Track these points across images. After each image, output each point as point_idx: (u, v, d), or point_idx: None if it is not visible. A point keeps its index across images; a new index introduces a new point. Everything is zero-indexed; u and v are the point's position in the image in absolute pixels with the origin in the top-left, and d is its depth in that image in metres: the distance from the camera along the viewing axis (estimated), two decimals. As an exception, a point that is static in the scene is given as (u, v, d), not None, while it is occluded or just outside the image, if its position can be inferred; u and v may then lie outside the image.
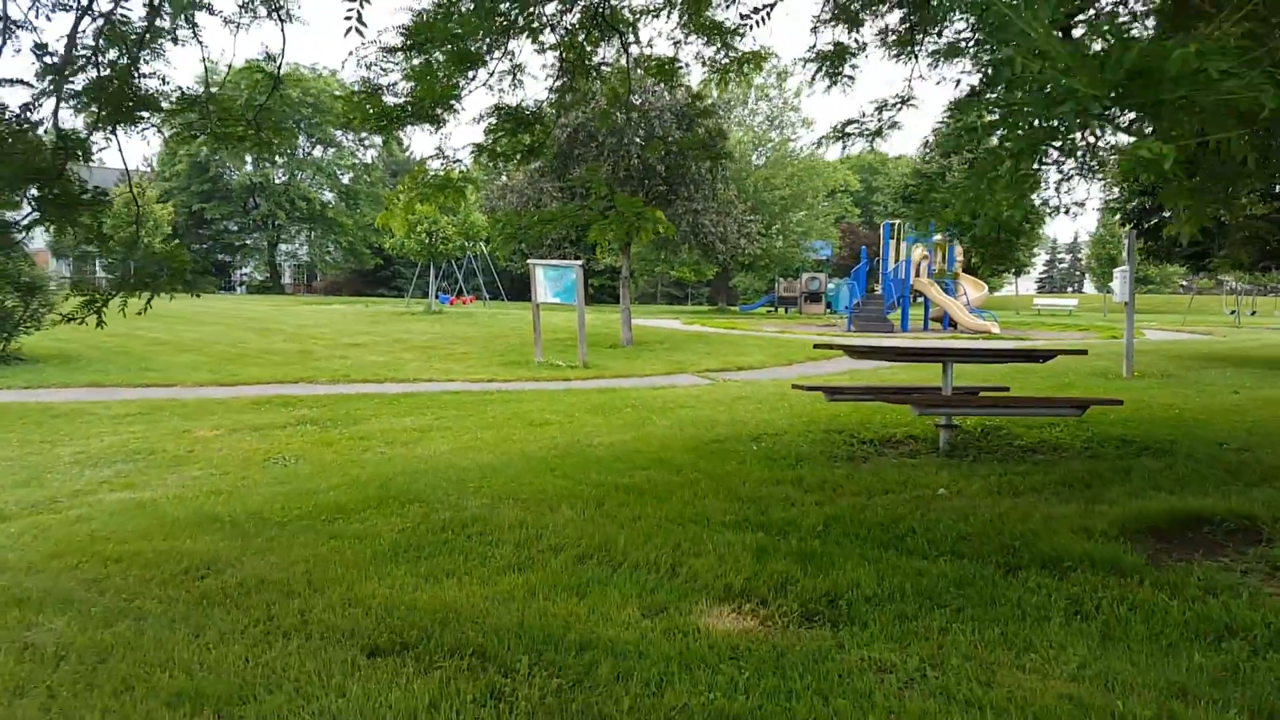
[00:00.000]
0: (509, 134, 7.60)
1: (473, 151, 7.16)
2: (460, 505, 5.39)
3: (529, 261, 17.46)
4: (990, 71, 8.49)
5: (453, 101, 6.59)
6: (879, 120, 8.36)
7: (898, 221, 29.75)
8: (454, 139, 20.37)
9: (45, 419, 11.80)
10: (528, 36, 7.47)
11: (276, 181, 59.91)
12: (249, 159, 60.41)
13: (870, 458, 7.03)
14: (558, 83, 7.79)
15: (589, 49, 7.69)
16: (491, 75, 7.61)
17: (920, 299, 29.16)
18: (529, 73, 7.69)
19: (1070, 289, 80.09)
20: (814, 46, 8.13)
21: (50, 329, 17.66)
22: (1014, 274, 51.83)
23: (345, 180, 62.69)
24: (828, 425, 8.73)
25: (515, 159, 7.60)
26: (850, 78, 8.29)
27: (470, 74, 6.99)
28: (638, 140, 18.35)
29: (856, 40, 8.16)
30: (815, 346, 7.62)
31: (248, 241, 63.32)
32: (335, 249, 61.61)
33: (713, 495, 5.52)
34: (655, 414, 10.61)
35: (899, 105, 8.19)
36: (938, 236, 30.40)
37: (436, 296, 35.15)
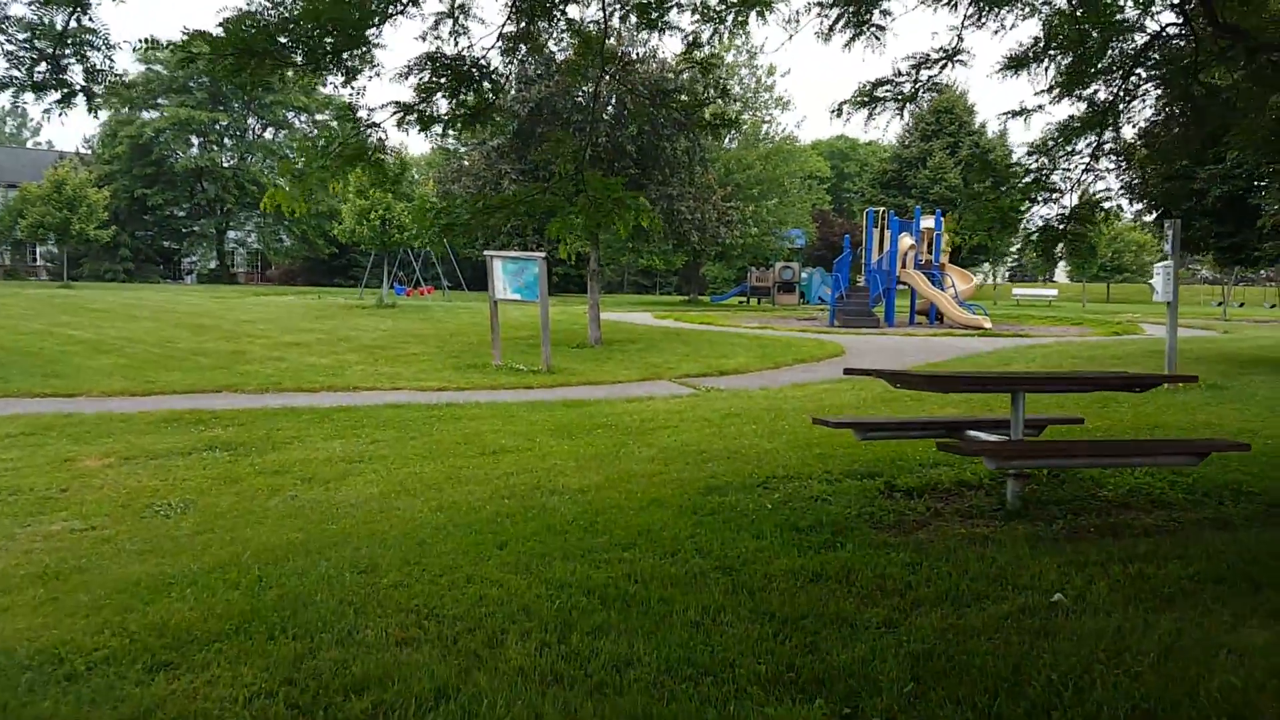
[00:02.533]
0: (448, 93, 5.81)
1: (396, 113, 5.36)
2: (357, 640, 3.60)
3: (486, 253, 15.60)
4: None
5: (368, 38, 4.79)
6: (914, 82, 6.66)
7: (881, 209, 28.21)
8: (375, 96, 18.45)
9: (-100, 441, 9.84)
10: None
11: (224, 165, 57.21)
12: (195, 141, 57.78)
13: (924, 521, 5.34)
14: (511, 27, 5.99)
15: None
16: (423, 14, 5.80)
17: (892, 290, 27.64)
18: (477, 14, 5.88)
19: (1042, 278, 79.16)
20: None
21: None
22: (991, 263, 50.73)
23: (299, 164, 60.00)
24: (849, 462, 7.04)
25: (455, 126, 5.80)
26: (880, 27, 6.56)
27: (393, 7, 5.18)
28: (608, 114, 16.57)
29: (890, -21, 6.43)
30: (847, 372, 5.92)
31: (195, 228, 60.54)
32: (287, 237, 59.01)
33: (731, 610, 3.78)
34: (632, 439, 8.87)
35: (944, 62, 6.49)
36: (927, 223, 28.97)
37: (391, 287, 33.10)
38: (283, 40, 3.97)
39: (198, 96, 56.51)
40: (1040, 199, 6.65)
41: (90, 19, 3.65)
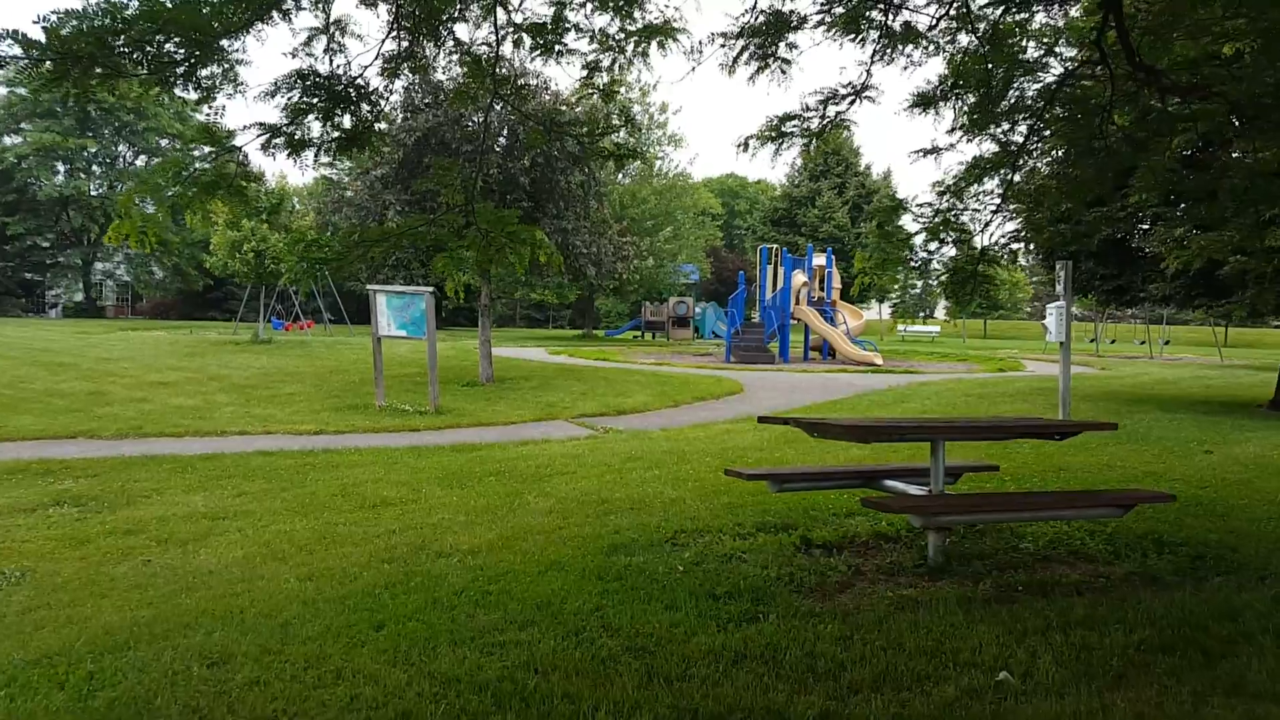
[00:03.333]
0: (321, 114, 5.23)
1: (261, 135, 4.76)
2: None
3: (369, 288, 14.79)
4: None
5: (224, 49, 4.19)
6: (822, 118, 6.39)
7: (774, 246, 28.39)
8: (238, 117, 17.42)
9: None
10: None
11: (92, 193, 54.23)
12: (61, 168, 54.67)
13: (847, 582, 4.95)
14: (394, 45, 5.46)
15: (438, 2, 5.40)
16: (294, 30, 5.21)
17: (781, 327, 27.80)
18: (355, 30, 5.33)
19: (922, 314, 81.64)
20: (744, 16, 6.08)
21: None
22: (878, 300, 51.96)
23: (186, 193, 57.30)
24: (760, 512, 6.64)
25: (329, 151, 5.22)
26: (787, 61, 6.27)
27: (257, 23, 4.59)
28: (500, 145, 16.05)
29: (794, 13, 6.16)
30: (761, 420, 5.52)
31: (60, 259, 57.08)
32: (159, 269, 56.14)
33: (648, 707, 3.28)
34: (528, 487, 8.31)
35: (852, 97, 6.23)
36: (818, 260, 29.29)
37: (269, 322, 31.61)
38: (118, 46, 3.34)
39: (64, 122, 53.49)
40: (949, 239, 6.45)
41: None
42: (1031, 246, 7.97)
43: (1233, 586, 4.79)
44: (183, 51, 4.03)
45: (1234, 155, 6.43)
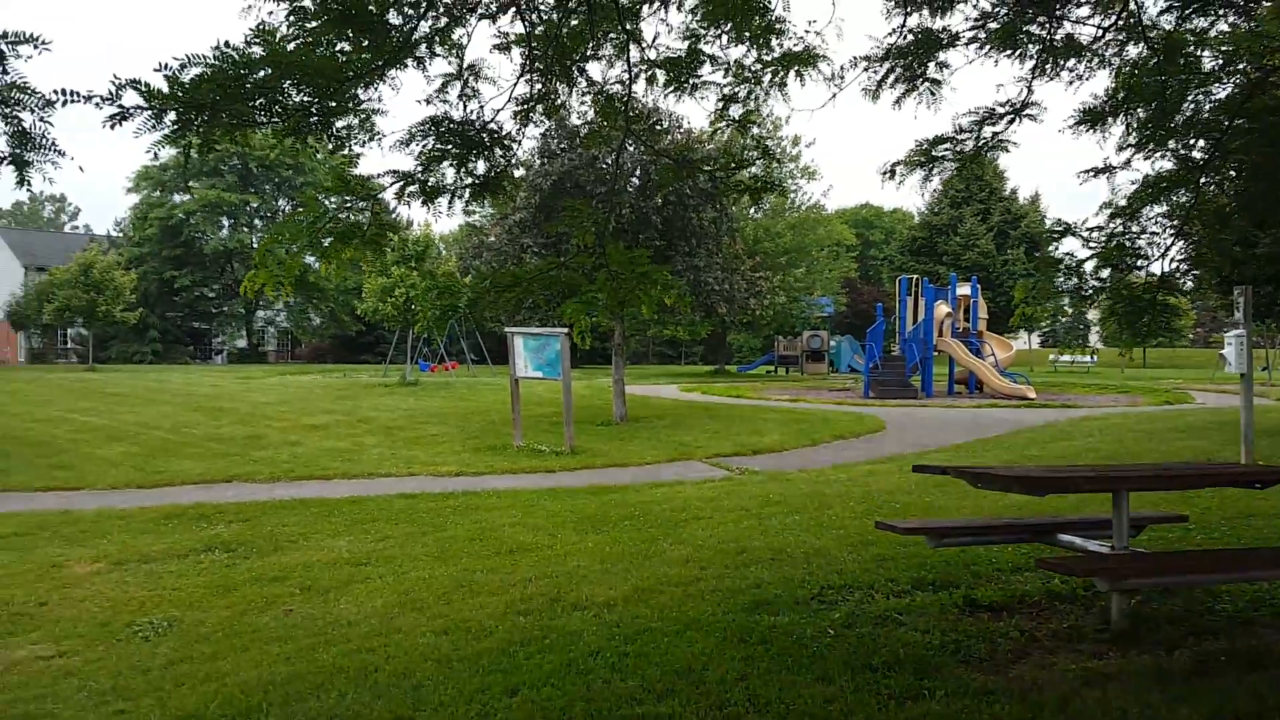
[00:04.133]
0: (455, 161, 5.17)
1: (395, 182, 4.71)
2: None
3: (506, 330, 14.96)
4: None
5: (358, 97, 4.16)
6: (977, 139, 5.96)
7: (914, 276, 27.48)
8: (369, 164, 17.85)
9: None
10: (480, 18, 5.07)
11: (253, 246, 57.65)
12: (225, 223, 58.37)
13: (1021, 650, 4.46)
14: (526, 88, 5.37)
15: (570, 42, 5.28)
16: (428, 76, 5.19)
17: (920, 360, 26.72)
18: (488, 74, 5.27)
19: (1077, 343, 77.74)
20: (890, 38, 5.74)
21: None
22: (1027, 330, 49.72)
23: (326, 243, 60.34)
24: (915, 566, 6.18)
25: (462, 197, 5.15)
26: (936, 81, 5.88)
27: (391, 70, 4.56)
28: (632, 185, 16.06)
29: (945, 30, 5.78)
30: (917, 469, 5.11)
31: (224, 308, 60.82)
32: (315, 315, 59.09)
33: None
34: (663, 533, 8.05)
35: (1011, 116, 5.78)
36: (963, 289, 28.17)
37: (415, 364, 32.61)
38: (244, 94, 3.31)
39: (228, 179, 57.29)
40: (1124, 265, 5.88)
41: (6, 72, 3.02)
42: (1209, 273, 7.28)
43: None
44: (316, 102, 3.99)
45: None
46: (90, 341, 42.74)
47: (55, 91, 3.02)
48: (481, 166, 5.29)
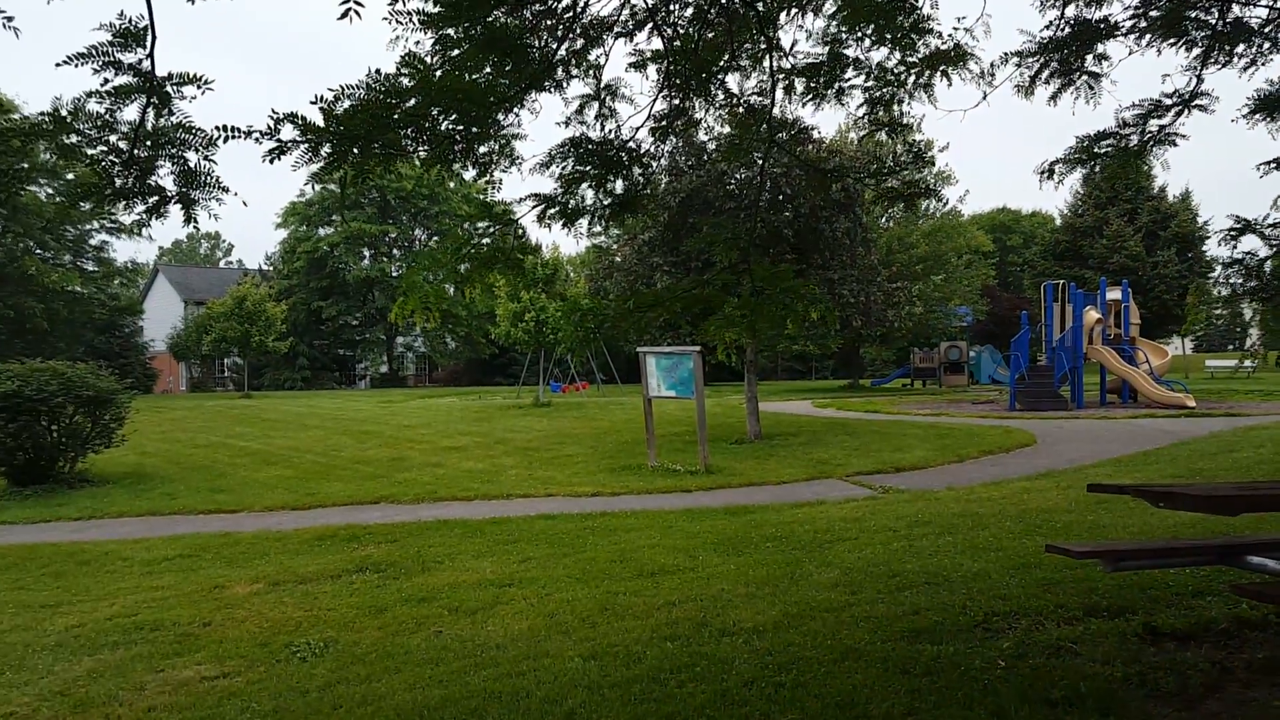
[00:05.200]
0: (594, 182, 5.15)
1: (535, 206, 4.72)
2: None
3: (639, 350, 14.98)
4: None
5: (499, 123, 4.17)
6: (1142, 133, 5.57)
7: (1060, 282, 26.25)
8: (509, 190, 18.15)
9: (68, 567, 9.83)
10: (617, 36, 5.04)
11: (393, 274, 60.01)
12: (366, 254, 60.94)
13: (1214, 684, 4.09)
14: (663, 105, 5.32)
15: (707, 55, 5.20)
16: (566, 98, 5.19)
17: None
18: (625, 93, 5.24)
19: (1230, 346, 72.86)
20: (1045, 31, 5.44)
21: (124, 442, 16.21)
22: (1181, 335, 46.86)
23: (462, 269, 62.26)
24: (1085, 591, 5.79)
25: (602, 218, 5.12)
26: (1095, 75, 5.54)
27: (531, 94, 4.57)
28: (762, 199, 15.80)
29: (1105, 20, 5.43)
30: (1092, 489, 4.77)
31: (367, 335, 63.46)
32: (452, 340, 61.03)
33: None
34: (808, 555, 7.82)
35: (1179, 108, 5.39)
36: (1113, 294, 26.75)
37: (548, 385, 33.13)
38: (394, 123, 3.34)
39: (368, 211, 59.93)
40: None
41: (172, 113, 3.13)
42: None
43: None
44: (460, 129, 4.02)
45: None
46: (245, 370, 45.19)
47: (217, 129, 3.12)
48: (620, 186, 5.26)
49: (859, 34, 4.85)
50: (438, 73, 3.53)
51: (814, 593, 6.48)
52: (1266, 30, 5.48)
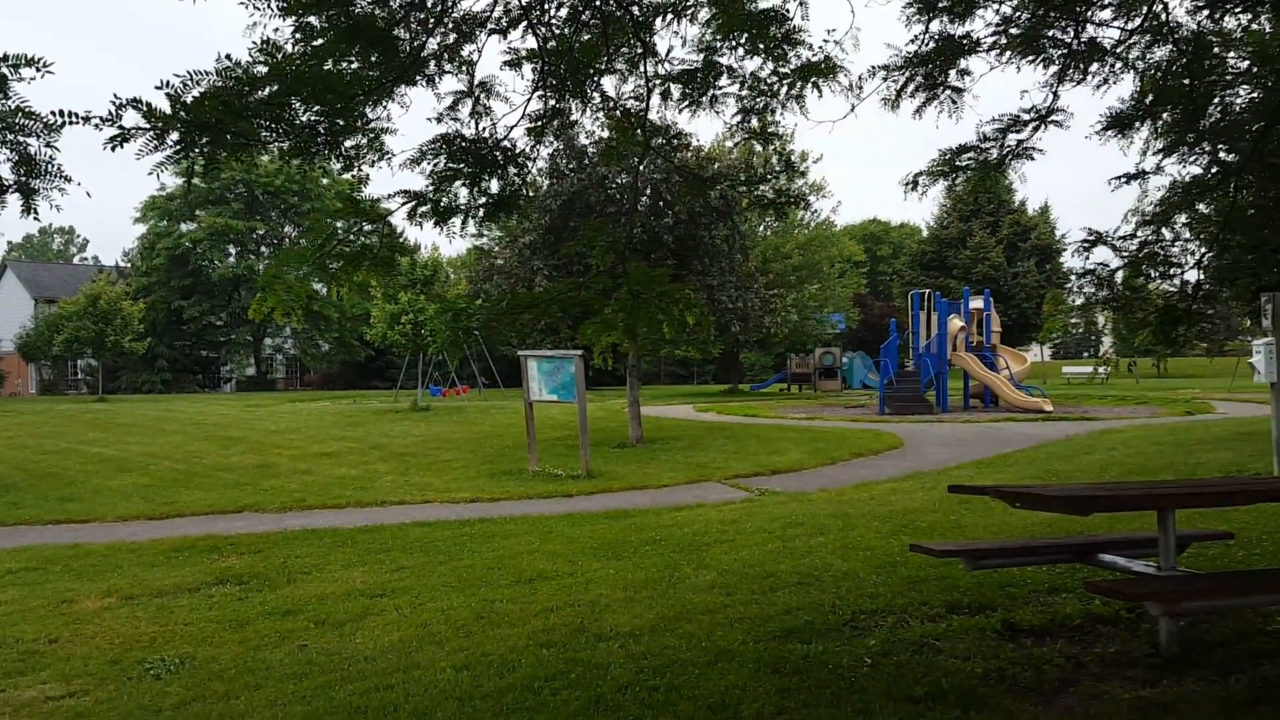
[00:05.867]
0: (468, 180, 5.04)
1: (406, 203, 4.58)
2: None
3: (520, 354, 14.84)
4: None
5: (365, 116, 4.03)
6: (1002, 147, 5.81)
7: (926, 291, 27.28)
8: (378, 185, 17.87)
9: (-106, 584, 9.05)
10: (491, 33, 4.95)
11: (260, 273, 57.92)
12: (232, 251, 58.59)
13: (1069, 678, 4.27)
14: (539, 105, 5.25)
15: (583, 56, 5.16)
16: (439, 94, 5.07)
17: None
18: (500, 91, 5.15)
19: (1086, 353, 77.30)
20: (910, 45, 5.60)
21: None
22: (1039, 343, 49.38)
23: (331, 267, 60.46)
24: (947, 589, 5.98)
25: (476, 217, 5.01)
26: (958, 89, 5.74)
27: (400, 87, 4.44)
28: (642, 204, 15.92)
29: (967, 36, 5.64)
30: (953, 490, 4.93)
31: (232, 337, 60.94)
32: (324, 341, 59.20)
33: None
34: (686, 558, 7.86)
35: (1036, 123, 5.64)
36: (975, 303, 27.95)
37: (427, 389, 32.50)
38: (249, 113, 3.17)
39: (234, 207, 57.55)
40: (1155, 274, 5.72)
41: (8, 96, 2.88)
42: (1247, 280, 7.08)
43: None
44: (324, 120, 3.86)
45: None
46: (100, 372, 42.83)
47: (53, 113, 2.89)
48: (495, 185, 5.16)
49: (733, 43, 4.89)
50: (299, 62, 3.38)
51: (691, 595, 6.51)
52: (1118, 50, 5.78)
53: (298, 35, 3.49)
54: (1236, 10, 4.82)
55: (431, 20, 4.17)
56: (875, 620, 5.44)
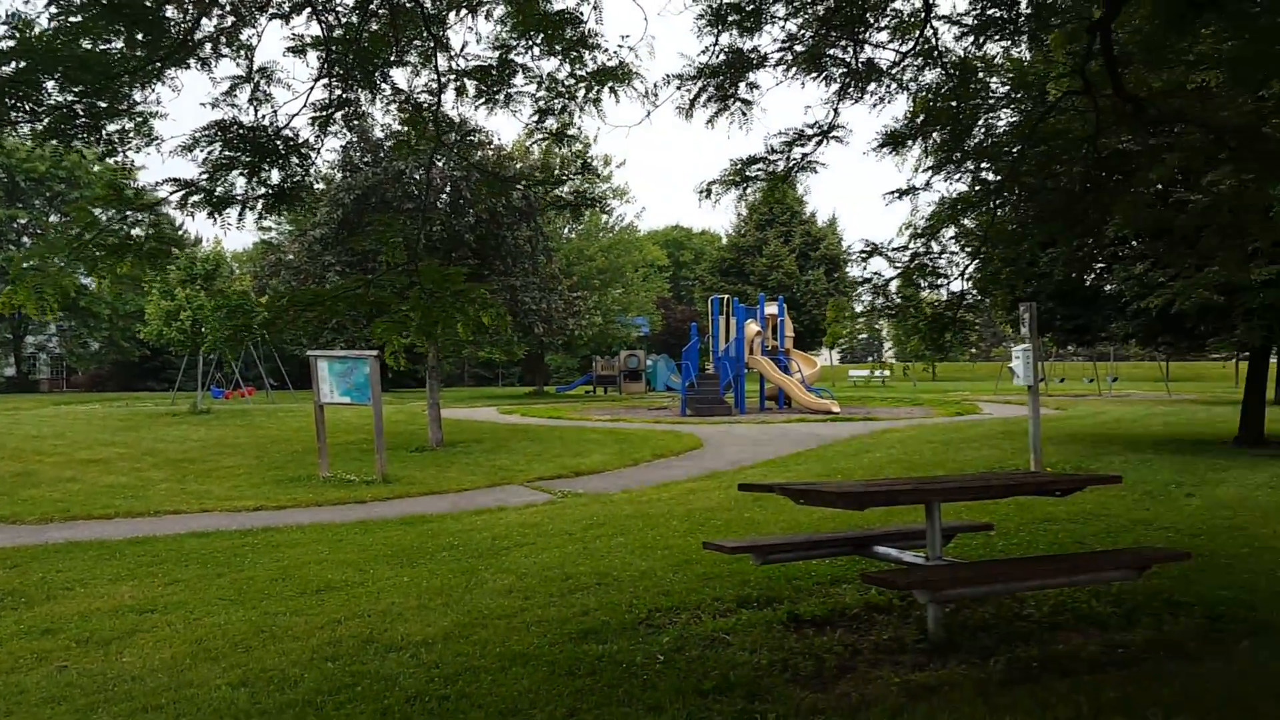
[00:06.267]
0: (246, 170, 4.74)
1: (176, 191, 4.26)
2: None
3: (309, 354, 14.18)
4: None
5: (129, 96, 3.71)
6: (788, 160, 6.05)
7: (725, 296, 28.20)
8: (153, 172, 16.80)
9: None
10: (272, 17, 4.69)
11: (24, 266, 52.70)
12: (-13, 239, 53.07)
13: (846, 665, 4.48)
14: (325, 94, 5.01)
15: (372, 47, 4.97)
16: (214, 78, 4.75)
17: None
18: (282, 78, 4.88)
19: (870, 357, 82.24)
20: (702, 56, 5.74)
21: None
22: (828, 348, 52.10)
23: (96, 260, 55.74)
24: (739, 584, 6.17)
25: (253, 209, 4.73)
26: (747, 102, 5.94)
27: (170, 69, 4.12)
28: (443, 202, 15.58)
29: (755, 51, 5.84)
30: (743, 488, 5.08)
31: (-12, 334, 55.18)
32: (93, 340, 54.51)
33: None
34: (484, 563, 7.74)
35: (819, 138, 5.91)
36: (770, 309, 29.13)
37: (208, 390, 30.56)
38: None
39: (-8, 192, 52.12)
40: (925, 284, 6.12)
41: None
42: (1003, 290, 7.71)
43: (1265, 653, 4.41)
44: (82, 101, 3.53)
45: (1219, 188, 6.23)
46: None
47: None
48: (276, 176, 4.89)
49: (529, 42, 4.86)
50: (51, 38, 3.06)
51: (488, 600, 6.41)
52: (893, 72, 6.15)
53: (54, 9, 3.17)
54: (996, 38, 5.22)
55: (206, 0, 3.90)
56: (670, 617, 5.53)
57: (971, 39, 5.30)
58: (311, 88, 4.66)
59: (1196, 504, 9.06)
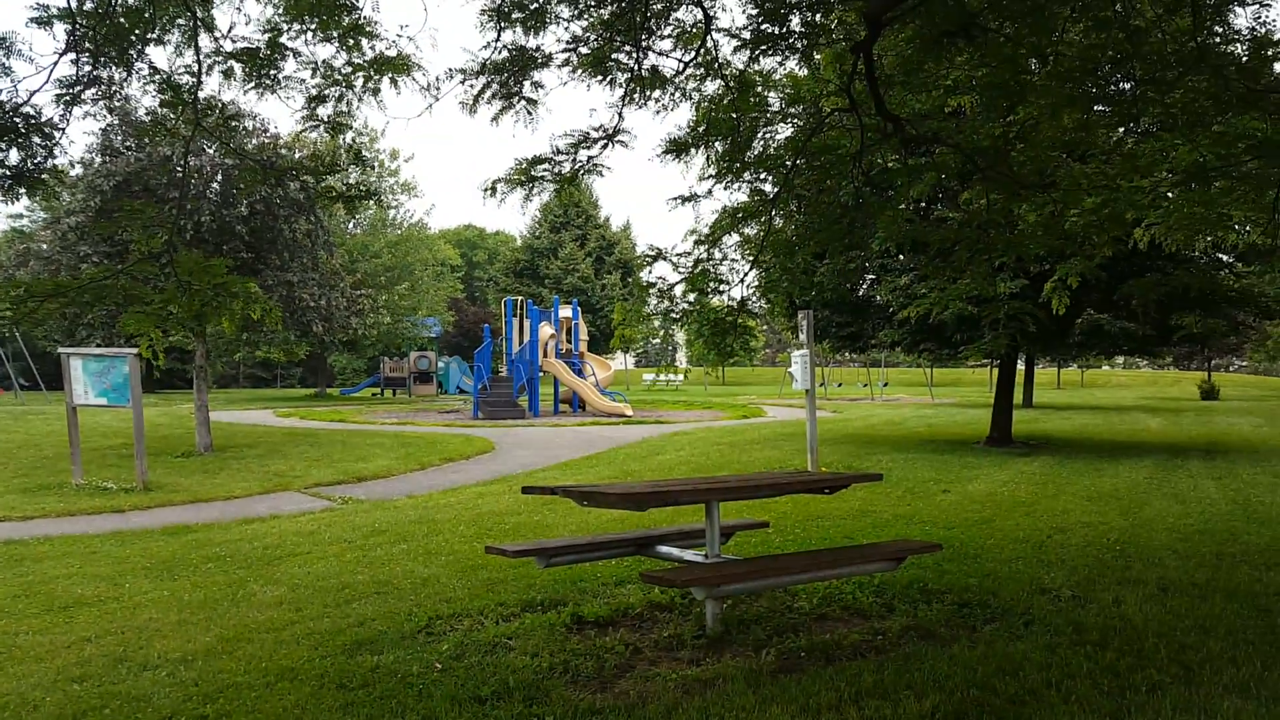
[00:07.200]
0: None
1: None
2: None
3: (61, 351, 12.94)
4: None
5: None
6: (574, 161, 6.08)
7: (519, 298, 28.06)
8: None
9: None
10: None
11: None
12: None
13: (626, 664, 4.53)
14: (72, 70, 4.57)
15: (127, 21, 4.58)
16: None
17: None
18: (22, 50, 4.40)
19: (664, 361, 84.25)
20: (485, 52, 5.66)
21: None
22: (623, 351, 52.87)
23: None
24: (524, 587, 6.13)
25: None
26: (533, 101, 5.92)
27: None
28: (214, 192, 14.60)
29: (539, 50, 5.83)
30: (526, 491, 5.03)
31: None
32: None
33: None
34: (253, 574, 7.31)
35: (604, 141, 5.97)
36: (565, 312, 29.22)
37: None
38: None
39: None
40: (708, 290, 6.31)
41: None
42: (781, 297, 8.09)
43: (1004, 636, 4.82)
44: None
45: (971, 206, 6.79)
46: None
47: None
48: (15, 156, 4.42)
49: (302, 26, 4.63)
50: None
51: (256, 613, 6.05)
52: (677, 80, 6.30)
53: None
54: (770, 53, 5.46)
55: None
56: (451, 625, 5.42)
57: (748, 53, 5.51)
58: (56, 63, 4.23)
59: (951, 499, 9.83)
